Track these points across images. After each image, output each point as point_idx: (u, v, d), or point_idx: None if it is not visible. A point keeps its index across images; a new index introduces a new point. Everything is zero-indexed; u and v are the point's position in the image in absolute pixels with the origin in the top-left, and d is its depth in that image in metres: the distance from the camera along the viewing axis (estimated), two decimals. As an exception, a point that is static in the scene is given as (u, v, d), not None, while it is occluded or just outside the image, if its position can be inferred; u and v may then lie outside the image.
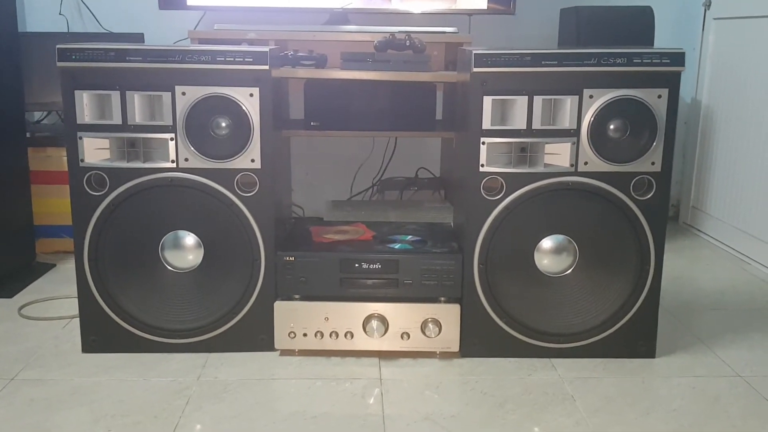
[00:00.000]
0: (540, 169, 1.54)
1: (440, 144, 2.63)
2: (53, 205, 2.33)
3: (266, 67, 1.52)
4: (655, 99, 1.51)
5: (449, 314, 1.60)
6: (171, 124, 1.54)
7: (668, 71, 1.50)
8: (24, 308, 1.92)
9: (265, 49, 1.51)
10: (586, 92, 1.51)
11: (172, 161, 1.55)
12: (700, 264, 2.40)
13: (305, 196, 2.70)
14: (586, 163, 1.54)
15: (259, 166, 1.57)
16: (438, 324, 1.60)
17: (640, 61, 1.49)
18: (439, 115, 2.39)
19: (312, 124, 2.33)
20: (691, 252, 2.52)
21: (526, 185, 1.55)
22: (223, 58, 1.50)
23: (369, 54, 2.01)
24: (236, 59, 1.50)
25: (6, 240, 2.10)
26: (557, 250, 1.60)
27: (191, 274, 1.62)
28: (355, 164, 2.74)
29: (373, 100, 2.23)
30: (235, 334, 1.63)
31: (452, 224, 1.88)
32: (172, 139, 1.54)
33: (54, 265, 2.27)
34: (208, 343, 1.63)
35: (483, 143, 1.53)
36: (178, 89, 1.52)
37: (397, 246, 1.66)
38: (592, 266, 1.60)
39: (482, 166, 1.54)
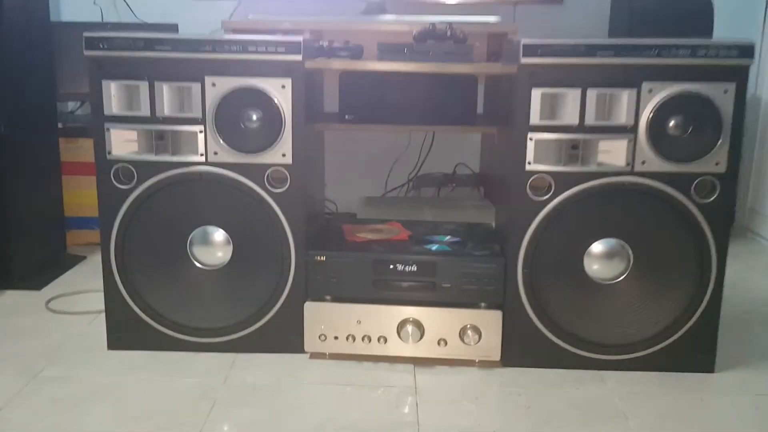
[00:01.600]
0: (593, 168, 1.43)
1: (480, 139, 2.52)
2: (84, 196, 2.29)
3: (299, 58, 1.44)
4: (720, 94, 1.39)
5: (490, 321, 1.51)
6: (200, 116, 1.47)
7: (736, 64, 1.38)
8: (51, 302, 1.88)
9: (298, 38, 1.43)
10: (645, 86, 1.39)
11: (201, 154, 1.48)
12: (759, 270, 2.26)
13: (339, 192, 2.62)
14: (643, 162, 1.42)
15: (290, 161, 1.49)
16: (478, 331, 1.51)
17: (705, 53, 1.37)
18: (479, 109, 2.29)
19: (346, 117, 2.25)
20: (748, 257, 2.38)
21: (577, 185, 1.44)
22: (254, 49, 1.42)
23: (407, 45, 1.91)
24: (268, 49, 1.42)
25: (36, 231, 2.07)
26: (609, 255, 1.49)
27: (220, 272, 1.55)
28: (391, 159, 2.65)
29: (411, 92, 2.14)
30: (264, 334, 1.56)
31: (493, 225, 1.78)
32: (201, 131, 1.47)
33: (84, 258, 2.23)
34: (235, 344, 1.57)
35: (530, 139, 1.43)
36: (208, 80, 1.45)
37: (434, 247, 1.56)
38: (647, 273, 1.48)
39: (529, 163, 1.44)
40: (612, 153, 1.43)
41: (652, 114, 1.40)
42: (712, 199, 1.43)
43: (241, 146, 1.48)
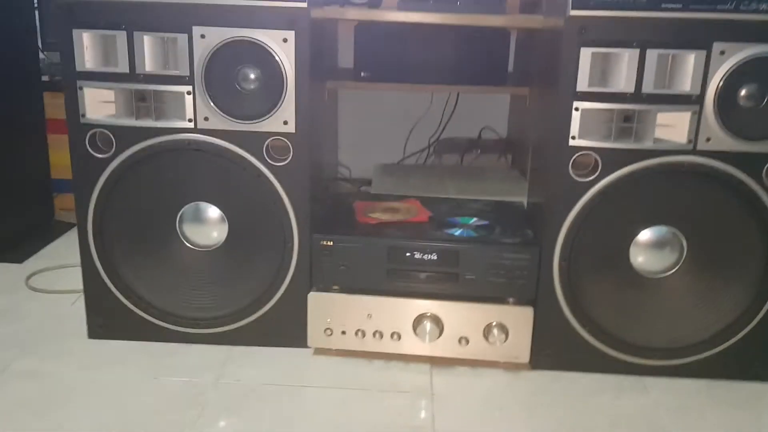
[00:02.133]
0: (648, 144, 1.21)
1: (508, 101, 2.28)
2: (74, 157, 2.09)
3: (304, 5, 1.21)
4: (808, 59, 1.15)
5: (519, 318, 1.31)
6: (188, 74, 1.25)
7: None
8: (32, 277, 1.71)
9: (303, -18, 1.20)
10: (717, 47, 1.16)
11: (190, 120, 1.28)
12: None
13: (353, 156, 2.40)
14: (708, 140, 1.20)
15: (293, 130, 1.27)
16: (504, 329, 1.31)
17: (792, 7, 1.12)
18: (509, 67, 2.05)
19: (362, 75, 2.03)
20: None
21: (628, 165, 1.22)
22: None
23: (432, -8, 1.67)
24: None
25: (20, 196, 1.88)
26: (660, 245, 1.28)
27: (213, 254, 1.36)
28: (411, 121, 2.41)
29: (435, 47, 1.90)
30: (263, 326, 1.38)
31: (525, 203, 1.56)
32: (189, 93, 1.26)
33: (74, 225, 2.05)
34: (230, 335, 1.39)
35: (576, 109, 1.20)
36: (196, 31, 1.23)
37: (458, 232, 1.36)
38: (703, 267, 1.28)
39: (573, 138, 1.22)
40: (672, 127, 1.20)
41: (723, 81, 1.17)
42: (789, 185, 1.21)
43: (235, 111, 1.27)
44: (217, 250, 1.36)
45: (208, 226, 1.36)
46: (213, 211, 1.35)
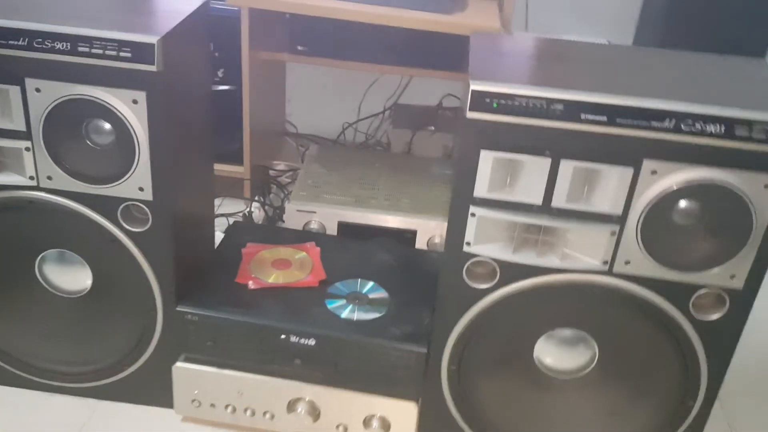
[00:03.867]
0: (554, 262, 1.02)
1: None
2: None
3: (153, 69, 0.98)
4: (758, 190, 0.93)
5: (402, 413, 1.19)
6: (24, 129, 1.06)
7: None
8: None
9: (153, 39, 0.97)
10: (648, 165, 0.94)
11: (31, 177, 1.09)
12: None
13: (305, 112, 2.21)
14: (627, 263, 1.01)
15: (150, 198, 1.09)
16: (386, 423, 1.19)
17: (748, 133, 0.89)
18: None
19: (299, 48, 1.79)
20: None
21: (531, 277, 1.04)
22: (87, 49, 0.97)
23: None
24: (106, 52, 0.97)
25: None
26: (567, 344, 1.13)
27: (76, 303, 1.23)
28: (366, 82, 2.17)
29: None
30: (130, 385, 1.27)
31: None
32: (27, 149, 1.07)
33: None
34: (96, 391, 1.28)
35: (473, 215, 1.01)
36: (30, 84, 1.02)
37: (345, 310, 1.20)
38: (615, 375, 1.13)
39: (467, 244, 1.03)
40: (584, 245, 1.01)
41: (652, 205, 0.96)
42: (716, 317, 1.03)
43: (84, 172, 1.08)
44: (81, 300, 1.23)
45: (71, 269, 1.21)
46: (74, 257, 1.20)
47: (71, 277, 1.22)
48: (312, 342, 1.16)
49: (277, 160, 2.03)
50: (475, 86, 0.90)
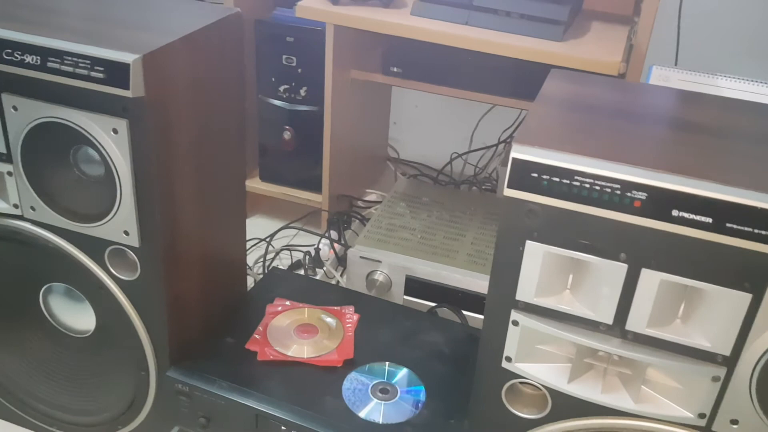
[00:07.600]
0: (627, 403, 0.72)
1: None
2: None
3: (128, 94, 0.80)
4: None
5: None
6: (5, 151, 0.92)
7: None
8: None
9: (128, 58, 0.78)
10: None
11: (15, 206, 0.95)
12: None
13: (411, 137, 2.00)
14: (735, 423, 0.69)
15: (137, 244, 0.91)
16: None
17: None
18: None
19: (392, 69, 1.57)
20: None
21: (591, 417, 0.74)
22: (57, 65, 0.80)
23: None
24: (77, 70, 0.80)
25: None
26: None
27: (80, 343, 1.08)
28: (479, 112, 1.92)
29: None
30: (125, 445, 1.11)
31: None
32: (10, 173, 0.93)
33: None
34: (91, 442, 1.13)
35: (515, 323, 0.73)
36: (7, 100, 0.87)
37: (367, 408, 0.96)
38: None
39: (507, 360, 0.76)
40: (672, 389, 0.70)
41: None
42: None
43: (65, 206, 0.93)
44: (85, 342, 1.08)
45: (77, 306, 1.07)
46: (78, 294, 1.05)
47: (76, 314, 1.08)
48: (313, 439, 0.93)
49: (372, 188, 1.81)
50: (518, 153, 0.63)
